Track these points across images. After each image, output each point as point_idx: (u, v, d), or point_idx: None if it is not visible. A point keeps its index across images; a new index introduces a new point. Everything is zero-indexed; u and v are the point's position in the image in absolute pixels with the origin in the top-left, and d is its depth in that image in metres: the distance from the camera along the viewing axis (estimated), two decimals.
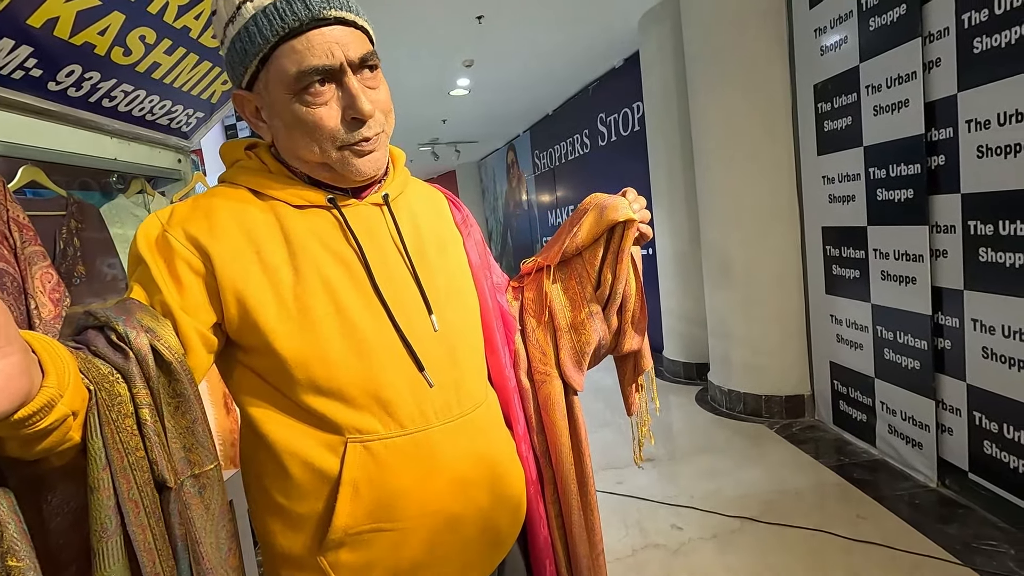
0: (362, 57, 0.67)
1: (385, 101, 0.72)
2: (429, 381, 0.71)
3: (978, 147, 1.97)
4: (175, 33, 1.59)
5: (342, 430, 0.67)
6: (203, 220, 0.67)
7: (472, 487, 0.74)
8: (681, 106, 3.71)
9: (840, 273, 2.80)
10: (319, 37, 0.64)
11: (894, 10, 2.25)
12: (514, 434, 0.86)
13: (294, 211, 0.70)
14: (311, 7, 0.63)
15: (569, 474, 0.89)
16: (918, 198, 2.24)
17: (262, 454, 0.70)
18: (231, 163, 0.76)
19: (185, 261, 0.65)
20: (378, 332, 0.69)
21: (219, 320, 0.67)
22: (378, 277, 0.70)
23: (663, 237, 4.27)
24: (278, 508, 0.70)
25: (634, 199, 0.88)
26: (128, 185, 1.92)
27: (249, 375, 0.70)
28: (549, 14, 3.68)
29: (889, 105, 2.34)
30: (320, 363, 0.66)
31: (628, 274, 0.90)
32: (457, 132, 7.67)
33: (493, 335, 0.85)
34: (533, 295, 0.93)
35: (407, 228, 0.76)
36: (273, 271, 0.67)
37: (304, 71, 0.64)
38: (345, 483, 0.66)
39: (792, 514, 2.28)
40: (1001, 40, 1.83)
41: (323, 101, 0.66)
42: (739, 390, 3.43)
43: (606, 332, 0.92)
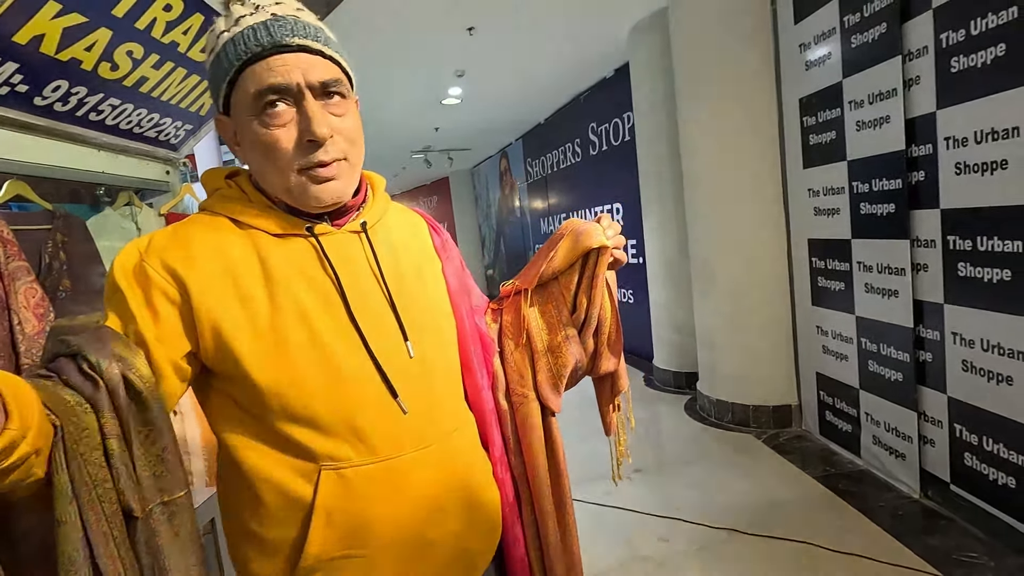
0: (324, 82, 0.68)
1: (350, 129, 0.72)
2: (403, 408, 0.71)
3: (956, 164, 2.01)
4: (163, 48, 1.60)
5: (316, 457, 0.68)
6: (181, 250, 0.68)
7: (445, 512, 0.74)
8: (670, 117, 3.75)
9: (826, 285, 2.83)
10: (278, 60, 0.66)
11: (875, 28, 2.29)
12: (491, 456, 0.86)
13: (273, 240, 0.71)
14: (273, 34, 0.65)
15: (546, 495, 0.90)
16: (900, 212, 2.28)
17: (237, 480, 0.70)
18: (212, 191, 0.76)
19: (161, 291, 0.65)
20: (352, 360, 0.70)
21: (194, 350, 0.67)
22: (354, 305, 0.71)
23: (653, 246, 4.30)
24: (252, 534, 0.70)
25: (608, 226, 0.90)
26: (115, 198, 1.92)
27: (225, 402, 0.70)
28: (539, 26, 3.72)
29: (871, 121, 2.38)
30: (294, 391, 0.67)
31: (603, 298, 0.92)
32: (450, 140, 7.69)
33: (470, 358, 0.85)
34: (511, 318, 0.94)
35: (385, 255, 0.77)
36: (249, 300, 0.67)
37: (261, 90, 0.65)
38: (318, 510, 0.67)
39: (778, 526, 2.30)
40: (977, 60, 1.87)
41: (281, 123, 0.66)
42: (727, 400, 3.45)
43: (582, 355, 0.93)
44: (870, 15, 2.31)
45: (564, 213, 6.88)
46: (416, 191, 13.09)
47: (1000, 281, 1.89)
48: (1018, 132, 1.76)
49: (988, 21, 1.82)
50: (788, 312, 3.21)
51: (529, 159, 7.92)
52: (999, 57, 1.80)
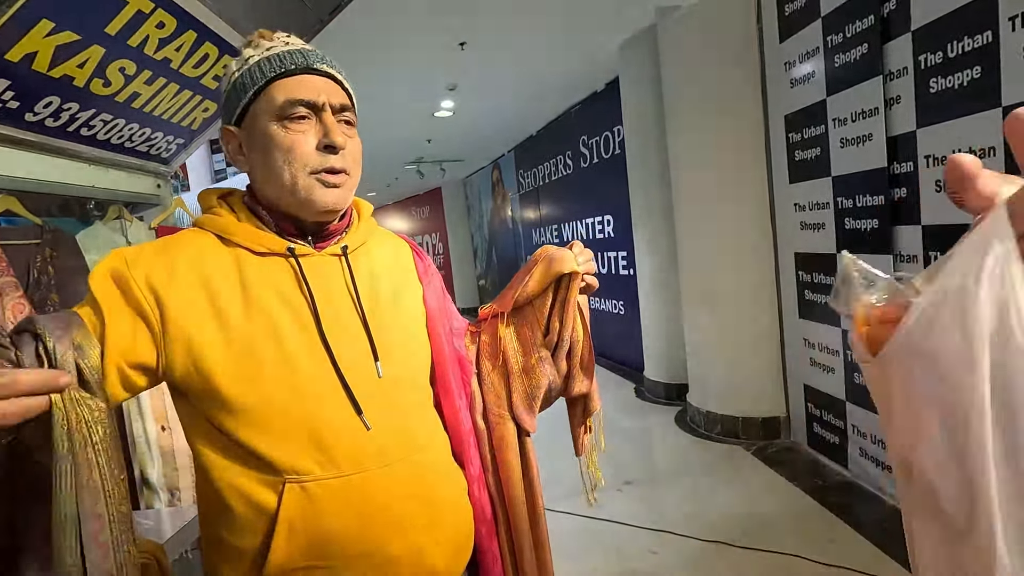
0: (341, 104, 0.77)
1: (354, 152, 0.79)
2: (367, 424, 0.74)
3: (936, 181, 2.05)
4: (155, 64, 1.62)
5: (280, 471, 0.70)
6: (165, 268, 0.71)
7: (409, 529, 0.76)
8: (659, 131, 3.80)
9: (812, 298, 2.87)
10: (309, 79, 0.75)
11: (857, 48, 2.35)
12: (467, 475, 0.88)
13: (255, 258, 0.75)
14: (307, 58, 0.76)
15: (521, 512, 0.92)
16: (883, 228, 2.32)
17: (209, 490, 0.73)
18: (206, 208, 0.81)
19: (136, 304, 0.69)
20: (319, 377, 0.73)
21: (154, 367, 0.70)
22: (326, 325, 0.74)
23: (643, 258, 4.34)
24: (221, 541, 0.73)
25: (579, 252, 0.94)
26: (105, 211, 1.92)
27: (197, 416, 0.73)
28: (530, 42, 3.77)
29: (854, 138, 2.43)
30: (261, 406, 0.70)
31: (575, 321, 0.95)
32: (442, 151, 7.73)
33: (448, 379, 0.88)
34: (489, 340, 0.98)
35: (363, 278, 0.81)
36: (225, 317, 0.71)
37: (291, 100, 0.73)
38: (281, 521, 0.69)
39: (767, 538, 2.31)
40: (954, 82, 1.93)
41: (301, 129, 0.74)
42: (716, 411, 3.47)
43: (555, 376, 0.97)
44: (852, 35, 2.37)
45: (555, 224, 6.92)
46: (408, 201, 13.12)
47: None
48: (995, 152, 1.81)
49: (964, 44, 1.87)
50: (776, 325, 3.25)
51: (521, 170, 7.97)
52: (975, 79, 1.85)
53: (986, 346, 0.25)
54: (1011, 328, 0.25)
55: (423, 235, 12.60)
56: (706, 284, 3.43)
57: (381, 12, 3.06)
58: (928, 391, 0.27)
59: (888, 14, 2.19)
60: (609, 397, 4.42)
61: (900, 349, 0.28)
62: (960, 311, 0.26)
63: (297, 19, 1.98)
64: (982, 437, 0.26)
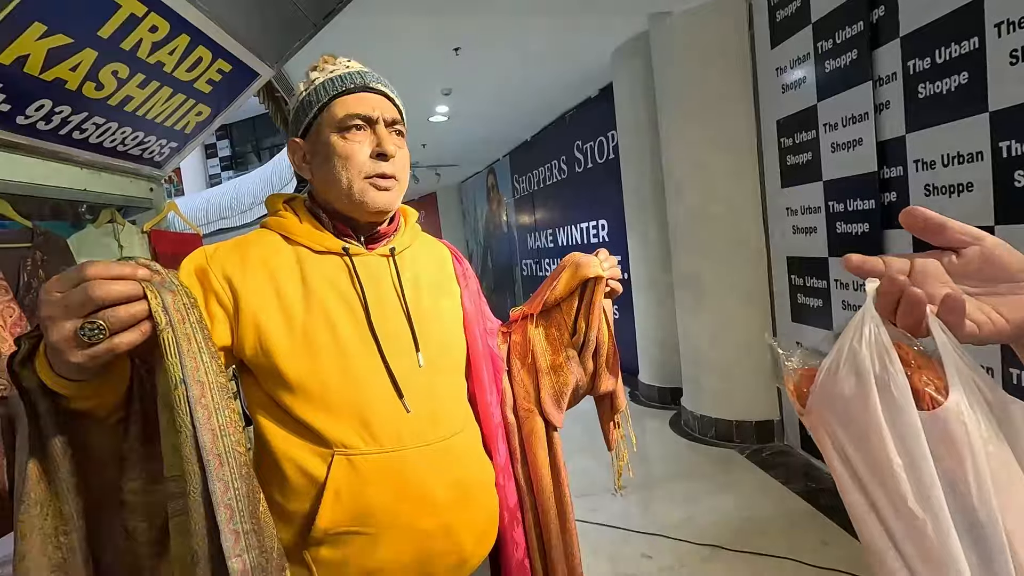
0: (392, 119, 0.88)
1: (403, 160, 0.89)
2: (407, 407, 0.82)
3: (925, 186, 2.07)
4: (148, 68, 1.62)
5: (330, 444, 0.78)
6: (238, 261, 0.82)
7: (440, 507, 0.82)
8: (653, 137, 3.82)
9: (805, 302, 2.89)
10: (366, 96, 0.86)
11: (847, 54, 2.37)
12: (494, 464, 0.95)
13: (314, 255, 0.85)
14: (365, 79, 0.87)
15: (549, 502, 1.00)
16: (874, 232, 2.34)
17: (267, 457, 0.81)
18: (272, 211, 0.92)
19: (215, 293, 0.79)
20: (367, 363, 0.81)
21: (230, 346, 0.80)
22: (375, 317, 0.83)
23: (637, 263, 4.36)
24: (275, 504, 0.80)
25: (605, 258, 1.01)
26: (97, 215, 1.92)
27: (260, 392, 0.82)
28: (523, 48, 3.79)
29: (845, 143, 2.45)
30: (316, 385, 0.79)
31: (600, 322, 1.01)
32: (437, 156, 7.75)
33: (482, 374, 0.95)
34: (519, 339, 1.05)
35: (408, 278, 0.89)
36: (288, 306, 0.80)
37: (350, 114, 0.84)
38: (329, 489, 0.77)
39: (760, 542, 2.32)
40: (942, 87, 1.95)
41: (358, 140, 0.84)
42: (710, 415, 3.48)
43: (582, 374, 1.03)
44: (842, 42, 2.39)
45: (550, 229, 6.93)
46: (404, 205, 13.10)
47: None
48: (982, 156, 1.83)
49: (952, 50, 1.89)
50: (769, 328, 3.26)
51: (516, 175, 7.99)
52: (963, 84, 1.87)
53: (873, 384, 0.36)
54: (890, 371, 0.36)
55: None
56: (699, 288, 3.44)
57: (375, 16, 3.07)
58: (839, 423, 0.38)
59: (877, 20, 2.21)
60: None
61: (817, 398, 0.38)
62: (852, 364, 0.37)
63: (291, 23, 1.98)
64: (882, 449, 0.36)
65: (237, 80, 1.97)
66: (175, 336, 0.59)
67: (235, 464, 0.62)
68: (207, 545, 0.59)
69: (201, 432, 0.59)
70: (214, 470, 0.60)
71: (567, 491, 1.01)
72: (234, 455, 0.62)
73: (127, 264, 0.57)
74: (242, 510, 0.62)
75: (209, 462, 0.59)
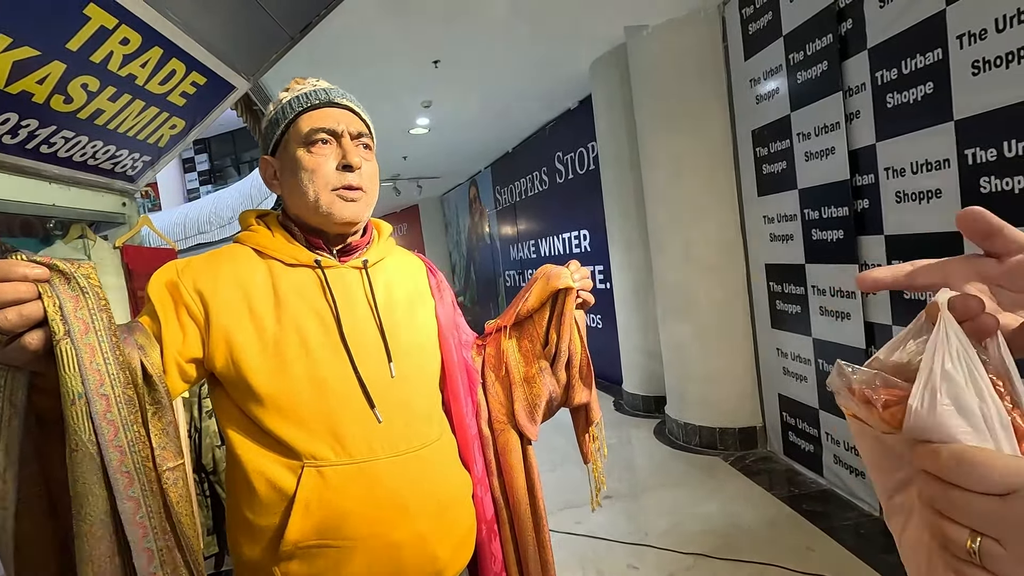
0: (358, 131, 0.89)
1: (371, 172, 0.89)
2: (378, 417, 0.82)
3: (896, 192, 2.12)
4: (120, 81, 1.59)
5: (300, 456, 0.78)
6: (210, 275, 0.82)
7: (414, 517, 0.82)
8: (632, 147, 3.87)
9: (783, 308, 2.93)
10: (331, 111, 0.87)
11: (817, 66, 2.43)
12: (472, 476, 0.95)
13: (286, 269, 0.85)
14: (329, 95, 0.88)
15: (525, 514, 0.99)
16: (848, 238, 2.39)
17: (237, 473, 0.81)
18: (245, 227, 0.92)
19: (186, 305, 0.79)
20: (339, 374, 0.82)
21: (200, 358, 0.80)
22: (346, 329, 0.83)
23: (619, 272, 4.38)
24: (245, 521, 0.80)
25: (576, 270, 1.01)
26: (67, 230, 1.87)
27: (231, 406, 0.82)
28: (502, 60, 3.82)
29: (818, 152, 2.50)
30: (287, 397, 0.79)
31: (572, 334, 1.01)
32: (419, 168, 7.74)
33: (457, 386, 0.96)
34: (493, 351, 1.05)
35: (381, 290, 0.90)
36: (259, 319, 0.81)
37: (315, 128, 0.85)
38: (298, 502, 0.77)
39: (745, 548, 2.32)
40: (909, 97, 2.00)
41: (324, 153, 0.85)
42: (694, 423, 3.49)
43: (555, 386, 1.03)
44: (812, 53, 2.45)
45: (533, 240, 6.95)
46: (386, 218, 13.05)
47: None
48: (949, 164, 1.88)
49: (917, 61, 1.95)
50: (750, 335, 3.30)
51: (498, 187, 8.01)
52: (928, 94, 1.93)
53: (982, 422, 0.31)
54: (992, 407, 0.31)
55: None
56: (680, 296, 3.47)
57: (354, 29, 3.07)
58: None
59: (845, 33, 2.27)
60: None
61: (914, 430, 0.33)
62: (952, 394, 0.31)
63: (268, 36, 1.97)
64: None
65: (212, 93, 1.95)
66: (74, 347, 0.56)
67: (146, 480, 0.60)
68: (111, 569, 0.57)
69: (107, 450, 0.57)
70: (123, 488, 0.57)
71: (542, 504, 1.02)
72: (144, 471, 0.60)
73: (19, 264, 0.54)
74: (155, 527, 0.60)
75: (117, 480, 0.57)
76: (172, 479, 0.67)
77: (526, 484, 1.00)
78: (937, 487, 0.31)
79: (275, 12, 1.86)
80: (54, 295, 0.55)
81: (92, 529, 0.55)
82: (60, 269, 0.56)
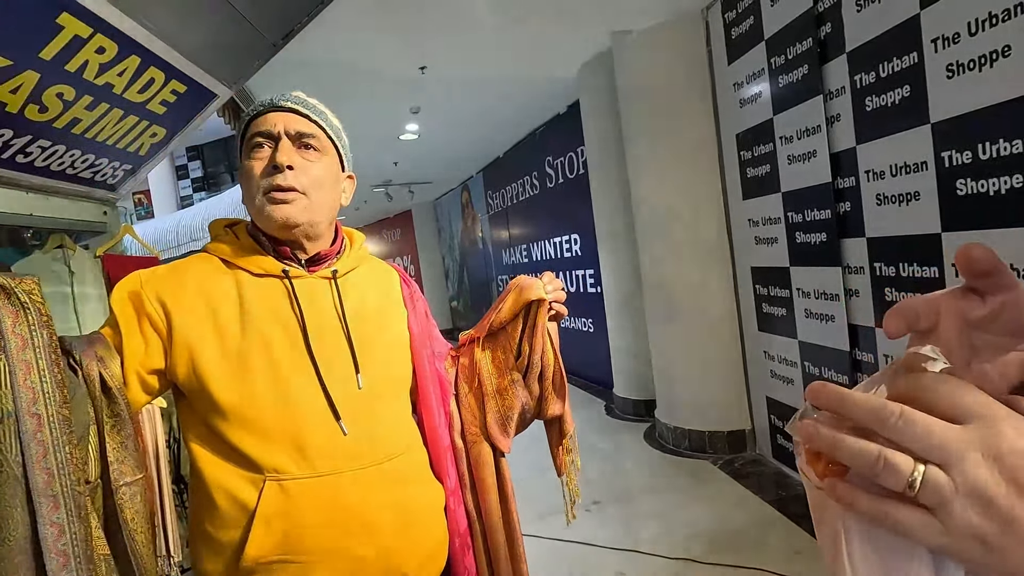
0: (299, 131, 0.85)
1: (316, 174, 0.86)
2: (343, 429, 0.81)
3: (877, 195, 2.13)
4: (96, 90, 1.58)
5: (262, 469, 0.77)
6: (173, 285, 0.81)
7: (379, 532, 0.81)
8: (619, 151, 3.88)
9: (770, 311, 2.94)
10: (271, 115, 0.86)
11: (798, 69, 2.45)
12: (445, 488, 0.94)
13: (253, 279, 0.84)
14: (273, 100, 0.87)
15: (498, 527, 0.98)
16: (830, 241, 2.40)
17: (199, 486, 0.79)
18: (214, 237, 0.91)
19: (148, 316, 0.79)
20: (303, 385, 0.80)
21: (164, 369, 0.79)
22: (313, 340, 0.82)
23: (608, 276, 4.39)
24: (205, 535, 0.79)
25: (549, 281, 1.01)
26: (45, 240, 1.86)
27: (194, 417, 0.81)
28: (489, 66, 3.83)
29: (800, 155, 2.52)
30: (249, 409, 0.77)
31: (544, 345, 1.01)
32: (410, 174, 7.74)
33: (429, 397, 0.95)
34: (467, 363, 1.05)
35: (350, 300, 0.89)
36: (223, 329, 0.80)
37: (253, 133, 0.85)
38: (259, 516, 0.75)
39: (734, 553, 2.31)
40: (887, 100, 2.02)
41: (260, 157, 0.84)
42: (684, 427, 3.49)
43: (528, 398, 1.02)
44: (793, 57, 2.47)
45: (524, 244, 6.96)
46: (379, 224, 13.04)
47: None
48: (926, 166, 1.89)
49: (894, 65, 1.97)
50: (737, 338, 3.30)
51: (490, 192, 8.02)
52: (905, 97, 1.94)
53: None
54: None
55: (394, 258, 12.51)
56: (668, 300, 3.47)
57: (339, 35, 3.08)
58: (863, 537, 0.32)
59: (825, 37, 2.29)
60: (579, 416, 4.40)
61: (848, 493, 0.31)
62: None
63: (249, 43, 1.97)
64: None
65: (193, 101, 1.94)
66: (8, 363, 0.55)
67: (73, 506, 0.58)
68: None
69: (33, 471, 0.55)
70: (47, 512, 0.55)
71: (515, 517, 1.01)
72: (73, 496, 0.58)
73: None
74: (78, 555, 0.57)
75: (41, 504, 0.55)
76: (129, 494, 0.66)
77: (499, 496, 1.00)
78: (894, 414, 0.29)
79: (256, 20, 1.86)
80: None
81: (11, 554, 0.53)
82: (0, 284, 0.55)
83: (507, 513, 1.00)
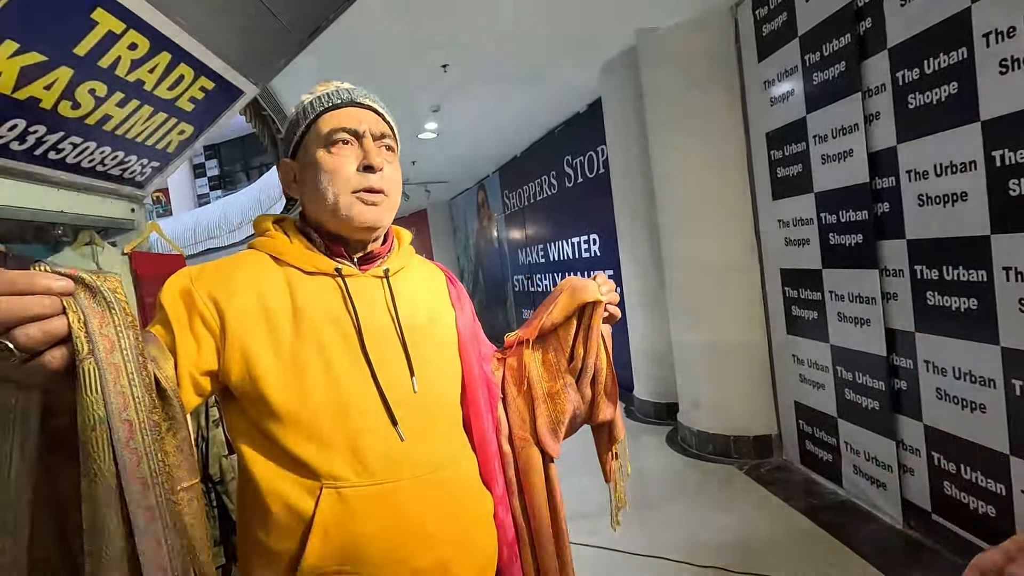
0: (381, 132, 0.85)
1: (393, 175, 0.86)
2: (401, 435, 0.78)
3: (919, 196, 2.06)
4: (128, 86, 1.57)
5: (319, 476, 0.74)
6: (224, 283, 0.78)
7: (437, 542, 0.78)
8: (642, 151, 3.82)
9: (799, 314, 2.87)
10: (352, 111, 0.84)
11: (835, 66, 2.38)
12: (493, 496, 0.91)
13: (305, 277, 0.81)
14: (351, 95, 0.85)
15: (546, 534, 0.95)
16: (867, 243, 2.33)
17: (250, 492, 0.76)
18: (261, 232, 0.87)
19: (200, 315, 0.75)
20: (359, 389, 0.77)
21: (215, 370, 0.75)
22: (368, 341, 0.79)
23: (630, 277, 4.33)
24: (258, 543, 0.76)
25: (603, 283, 0.97)
26: (75, 237, 1.86)
27: (244, 421, 0.77)
28: (511, 64, 3.79)
29: (835, 154, 2.45)
30: (304, 413, 0.74)
31: (599, 349, 0.97)
32: (427, 173, 7.74)
33: (478, 401, 0.91)
34: (514, 366, 1.01)
35: (403, 300, 0.86)
36: (276, 330, 0.76)
37: (335, 128, 0.82)
38: (317, 525, 0.72)
39: (763, 562, 2.25)
40: (932, 97, 1.95)
41: (345, 154, 0.82)
42: (708, 430, 3.43)
43: (580, 402, 0.99)
44: (829, 54, 2.40)
45: (541, 244, 6.91)
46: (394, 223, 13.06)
47: (967, 310, 1.93)
48: (975, 166, 1.82)
49: (940, 61, 1.90)
50: (764, 341, 3.23)
51: (506, 191, 7.99)
52: (953, 94, 1.87)
53: None
54: None
55: None
56: (693, 302, 3.41)
57: (363, 33, 3.06)
58: None
59: (864, 32, 2.22)
60: None
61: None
62: None
63: (276, 40, 1.95)
64: None
65: (220, 98, 1.93)
66: (99, 367, 0.51)
67: (168, 516, 0.55)
68: None
69: (128, 481, 0.52)
70: (144, 524, 0.52)
71: (564, 526, 0.98)
72: (168, 506, 0.55)
73: (42, 275, 0.49)
74: (176, 569, 0.55)
75: (137, 515, 0.52)
76: (187, 499, 0.63)
77: (548, 503, 0.96)
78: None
79: (284, 16, 1.84)
80: (78, 310, 0.50)
81: (105, 571, 0.51)
82: (85, 282, 0.51)
83: (556, 521, 0.97)
